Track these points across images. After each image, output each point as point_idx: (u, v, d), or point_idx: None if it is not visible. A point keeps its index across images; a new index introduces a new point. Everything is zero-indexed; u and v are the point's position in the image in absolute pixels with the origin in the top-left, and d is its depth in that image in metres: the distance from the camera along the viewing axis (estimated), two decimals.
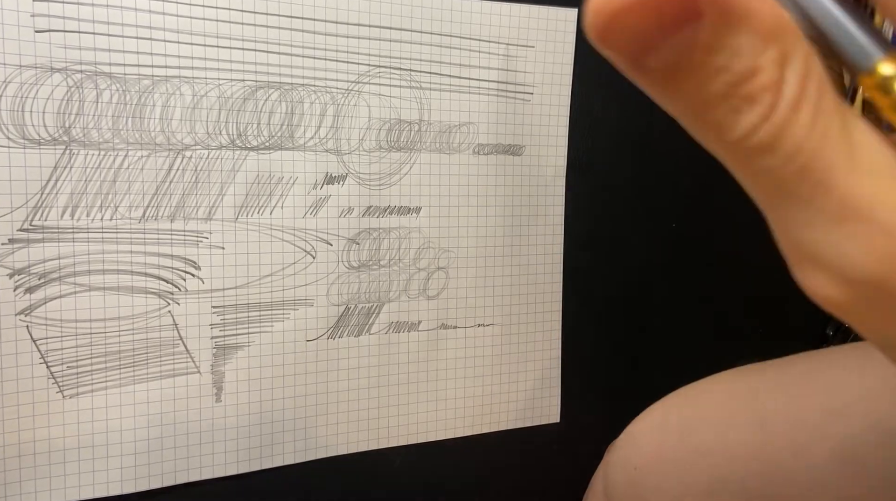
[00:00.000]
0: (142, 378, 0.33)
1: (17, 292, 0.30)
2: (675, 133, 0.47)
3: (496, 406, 0.41)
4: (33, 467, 0.31)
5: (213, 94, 0.33)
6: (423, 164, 0.38)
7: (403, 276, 0.38)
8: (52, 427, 0.31)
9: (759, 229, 0.43)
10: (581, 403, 0.43)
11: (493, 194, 0.40)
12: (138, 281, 0.33)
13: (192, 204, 0.33)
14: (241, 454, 0.35)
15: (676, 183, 0.44)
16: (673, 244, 0.45)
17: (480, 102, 0.38)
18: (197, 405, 0.34)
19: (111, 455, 0.33)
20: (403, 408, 0.39)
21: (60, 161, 0.31)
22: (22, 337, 0.31)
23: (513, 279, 0.41)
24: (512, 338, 0.41)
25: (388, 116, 0.37)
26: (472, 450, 0.41)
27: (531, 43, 0.39)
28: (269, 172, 0.35)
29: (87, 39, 0.30)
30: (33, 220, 0.30)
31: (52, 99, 0.30)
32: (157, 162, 0.32)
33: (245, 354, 0.35)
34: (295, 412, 0.36)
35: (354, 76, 0.36)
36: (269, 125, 0.34)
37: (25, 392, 0.31)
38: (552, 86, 0.40)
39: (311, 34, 0.34)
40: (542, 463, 0.43)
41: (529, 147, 0.40)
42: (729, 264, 0.47)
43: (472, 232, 0.39)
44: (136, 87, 0.32)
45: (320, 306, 0.36)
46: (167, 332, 0.33)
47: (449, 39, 0.37)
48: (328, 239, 0.36)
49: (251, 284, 0.35)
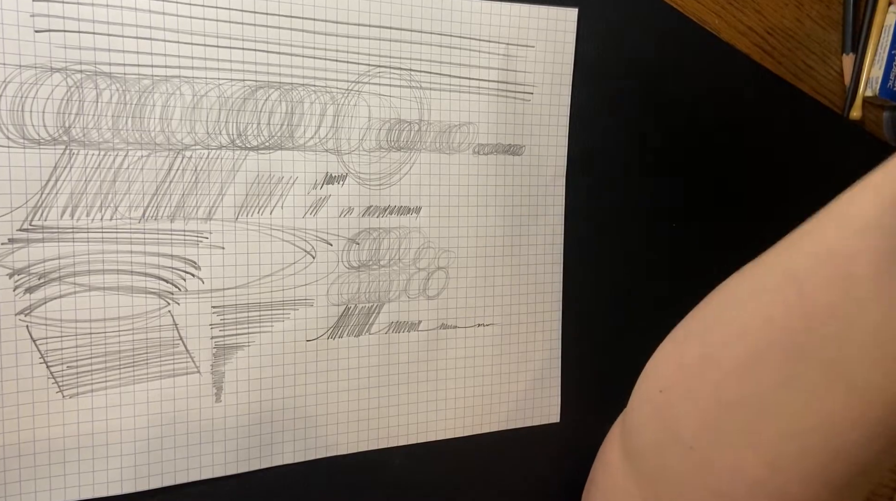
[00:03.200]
0: (142, 378, 0.33)
1: (17, 292, 0.31)
2: (676, 133, 0.47)
3: (496, 406, 0.41)
4: (33, 467, 0.31)
5: (213, 94, 0.33)
6: (423, 164, 0.38)
7: (403, 276, 0.38)
8: (52, 427, 0.31)
9: (759, 229, 0.43)
10: (581, 403, 0.43)
11: (493, 193, 0.40)
12: (138, 281, 0.33)
13: (192, 204, 0.33)
14: (241, 453, 0.35)
15: (676, 183, 0.44)
16: (673, 244, 0.45)
17: (480, 102, 0.38)
18: (197, 404, 0.34)
19: (111, 455, 0.33)
20: (403, 408, 0.39)
21: (60, 161, 0.31)
22: (22, 337, 0.31)
23: (513, 279, 0.41)
24: (512, 338, 0.41)
25: (388, 116, 0.37)
26: (472, 450, 0.41)
27: (531, 43, 0.39)
28: (269, 172, 0.35)
29: (87, 39, 0.30)
30: (33, 220, 0.30)
31: (52, 99, 0.30)
32: (157, 162, 0.32)
33: (245, 354, 0.35)
34: (295, 412, 0.36)
35: (354, 76, 0.36)
36: (269, 125, 0.34)
37: (25, 392, 0.31)
38: (552, 86, 0.40)
39: (311, 34, 0.34)
40: (542, 463, 0.43)
41: (529, 147, 0.40)
42: (729, 265, 0.47)
43: (472, 232, 0.39)
44: (136, 87, 0.32)
45: (320, 306, 0.36)
46: (167, 332, 0.33)
47: (449, 39, 0.37)
48: (328, 239, 0.36)
49: (251, 284, 0.35)
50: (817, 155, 0.49)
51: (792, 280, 0.25)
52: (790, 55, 0.47)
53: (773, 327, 0.25)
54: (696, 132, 0.44)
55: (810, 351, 0.24)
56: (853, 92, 0.49)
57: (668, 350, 0.31)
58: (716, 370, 0.27)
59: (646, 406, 0.31)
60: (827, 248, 0.24)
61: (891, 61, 0.48)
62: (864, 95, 0.49)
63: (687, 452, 0.28)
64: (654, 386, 0.31)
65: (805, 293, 0.24)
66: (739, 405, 0.26)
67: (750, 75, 0.46)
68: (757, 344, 0.26)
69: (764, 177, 0.47)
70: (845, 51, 0.49)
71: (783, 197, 0.48)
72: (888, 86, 0.48)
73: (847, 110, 0.49)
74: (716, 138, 0.45)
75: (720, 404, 0.27)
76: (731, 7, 0.45)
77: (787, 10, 0.47)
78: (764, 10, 0.46)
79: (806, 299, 0.24)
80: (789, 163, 0.48)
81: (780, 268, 0.26)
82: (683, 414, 0.28)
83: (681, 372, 0.29)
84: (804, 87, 0.48)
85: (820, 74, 0.49)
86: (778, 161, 0.47)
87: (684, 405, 0.28)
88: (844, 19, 0.49)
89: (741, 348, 0.26)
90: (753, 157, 0.47)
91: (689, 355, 0.29)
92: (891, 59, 0.48)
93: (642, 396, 0.32)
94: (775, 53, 0.47)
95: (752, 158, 0.47)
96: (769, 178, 0.47)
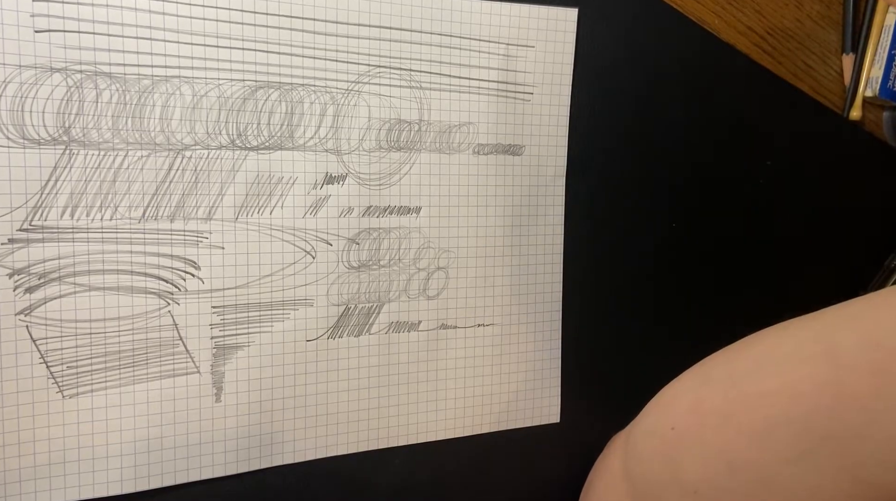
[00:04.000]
0: (142, 378, 0.33)
1: (17, 292, 0.31)
2: (676, 133, 0.47)
3: (496, 406, 0.41)
4: (33, 467, 0.31)
5: (213, 94, 0.33)
6: (423, 164, 0.38)
7: (403, 276, 0.38)
8: (52, 427, 0.31)
9: (759, 229, 0.43)
10: (581, 403, 0.43)
11: (493, 193, 0.40)
12: (138, 281, 0.33)
13: (192, 204, 0.33)
14: (241, 453, 0.35)
15: (676, 183, 0.44)
16: (673, 244, 0.45)
17: (480, 102, 0.38)
18: (197, 405, 0.34)
19: (111, 455, 0.33)
20: (403, 408, 0.39)
21: (60, 161, 0.31)
22: (22, 337, 0.31)
23: (513, 279, 0.41)
24: (512, 338, 0.41)
25: (388, 116, 0.37)
26: (472, 450, 0.41)
27: (531, 43, 0.39)
28: (269, 172, 0.35)
29: (87, 39, 0.30)
30: (33, 220, 0.30)
31: (52, 99, 0.30)
32: (156, 162, 0.32)
33: (245, 354, 0.35)
34: (295, 412, 0.36)
35: (354, 76, 0.36)
36: (269, 125, 0.34)
37: (25, 392, 0.31)
38: (552, 86, 0.40)
39: (311, 34, 0.34)
40: (542, 463, 0.43)
41: (529, 147, 0.40)
42: (729, 265, 0.47)
43: (472, 232, 0.39)
44: (136, 87, 0.32)
45: (320, 306, 0.36)
46: (167, 332, 0.33)
47: (449, 39, 0.37)
48: (328, 239, 0.36)
49: (251, 284, 0.35)
50: (817, 155, 0.49)
51: (830, 358, 0.24)
52: (790, 55, 0.47)
53: (800, 400, 0.25)
54: (695, 132, 0.44)
55: (829, 434, 0.24)
56: (853, 92, 0.49)
57: (687, 388, 0.31)
58: (732, 428, 0.27)
59: (653, 439, 0.31)
60: (875, 339, 0.24)
61: (891, 61, 0.48)
62: (864, 95, 0.49)
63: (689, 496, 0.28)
64: (666, 422, 0.30)
65: (840, 376, 0.24)
66: (747, 469, 0.26)
67: (750, 75, 0.46)
68: (778, 413, 0.25)
69: (764, 177, 0.47)
70: (845, 51, 0.49)
71: (783, 197, 0.48)
72: (888, 86, 0.48)
73: (847, 110, 0.49)
74: (715, 139, 0.45)
75: (728, 464, 0.27)
76: (731, 7, 0.45)
77: (787, 10, 0.47)
78: (764, 10, 0.46)
79: (840, 382, 0.24)
80: (789, 163, 0.48)
81: (823, 342, 0.25)
82: (690, 461, 0.28)
83: (696, 418, 0.29)
84: (804, 87, 0.48)
85: (820, 74, 0.49)
86: (778, 161, 0.47)
87: (693, 453, 0.28)
88: (844, 19, 0.49)
89: (761, 413, 0.26)
90: (753, 157, 0.47)
91: (708, 402, 0.28)
92: (891, 59, 0.48)
93: (651, 427, 0.31)
94: (775, 53, 0.47)
95: (751, 158, 0.47)
96: (769, 178, 0.47)
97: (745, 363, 0.28)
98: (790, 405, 0.25)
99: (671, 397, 0.31)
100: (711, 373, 0.30)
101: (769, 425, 0.25)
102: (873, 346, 0.23)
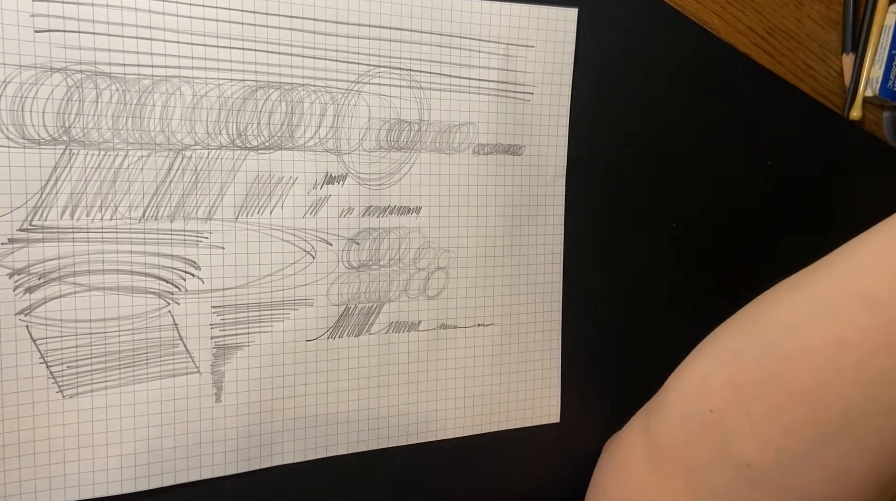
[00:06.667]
0: (142, 378, 0.33)
1: (17, 291, 0.31)
2: (676, 133, 0.47)
3: (496, 406, 0.41)
4: (33, 467, 0.31)
5: (213, 94, 0.33)
6: (423, 164, 0.38)
7: (403, 276, 0.38)
8: (52, 427, 0.31)
9: (759, 229, 0.43)
10: (581, 403, 0.43)
11: (493, 193, 0.40)
12: (138, 281, 0.33)
13: (192, 204, 0.33)
14: (241, 453, 0.35)
15: (677, 183, 0.44)
16: (673, 244, 0.45)
17: (480, 102, 0.38)
18: (197, 405, 0.34)
19: (111, 455, 0.33)
20: (403, 408, 0.39)
21: (60, 161, 0.31)
22: (22, 337, 0.31)
23: (513, 279, 0.41)
24: (512, 338, 0.41)
25: (388, 116, 0.37)
26: (472, 450, 0.41)
27: (531, 43, 0.39)
28: (269, 172, 0.35)
29: (87, 39, 0.30)
30: (33, 220, 0.30)
31: (52, 99, 0.30)
32: (157, 162, 0.32)
33: (245, 354, 0.35)
34: (295, 412, 0.36)
35: (354, 76, 0.36)
36: (269, 125, 0.34)
37: (25, 392, 0.31)
38: (552, 86, 0.40)
39: (311, 34, 0.34)
40: (542, 463, 0.43)
41: (529, 147, 0.40)
42: (729, 265, 0.47)
43: (472, 232, 0.39)
44: (136, 87, 0.32)
45: (320, 306, 0.36)
46: (167, 332, 0.33)
47: (449, 39, 0.37)
48: (328, 239, 0.36)
49: (251, 284, 0.35)
50: (817, 155, 0.49)
51: (868, 303, 0.24)
52: (790, 55, 0.47)
53: (847, 349, 0.24)
54: (695, 132, 0.44)
55: (884, 374, 0.24)
56: (853, 92, 0.49)
57: (715, 367, 0.30)
58: (778, 393, 0.26)
59: (691, 424, 0.31)
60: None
61: (891, 61, 0.48)
62: (864, 95, 0.49)
63: (742, 469, 0.28)
64: (702, 406, 0.30)
65: (883, 320, 0.24)
66: (803, 428, 0.26)
67: (750, 75, 0.46)
68: (826, 366, 0.25)
69: (764, 177, 0.47)
70: (845, 51, 0.49)
71: (783, 197, 0.48)
72: (888, 86, 0.48)
73: (847, 110, 0.49)
74: (715, 139, 0.45)
75: (784, 427, 0.26)
76: (731, 7, 0.45)
77: (787, 10, 0.47)
78: (764, 10, 0.46)
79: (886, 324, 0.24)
80: (789, 163, 0.48)
81: (854, 290, 0.25)
82: (739, 435, 0.28)
83: (735, 393, 0.28)
84: (804, 87, 0.48)
85: (820, 73, 0.49)
86: (778, 161, 0.47)
87: (741, 426, 0.28)
88: (844, 19, 0.49)
89: (806, 372, 0.26)
90: (753, 157, 0.47)
91: (743, 374, 0.28)
92: (891, 59, 0.48)
93: (686, 413, 0.31)
94: (775, 53, 0.47)
95: (751, 158, 0.47)
96: (769, 178, 0.47)
97: (773, 329, 0.28)
98: (838, 356, 0.25)
99: (699, 380, 0.31)
100: (735, 347, 0.30)
101: (820, 379, 0.25)
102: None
